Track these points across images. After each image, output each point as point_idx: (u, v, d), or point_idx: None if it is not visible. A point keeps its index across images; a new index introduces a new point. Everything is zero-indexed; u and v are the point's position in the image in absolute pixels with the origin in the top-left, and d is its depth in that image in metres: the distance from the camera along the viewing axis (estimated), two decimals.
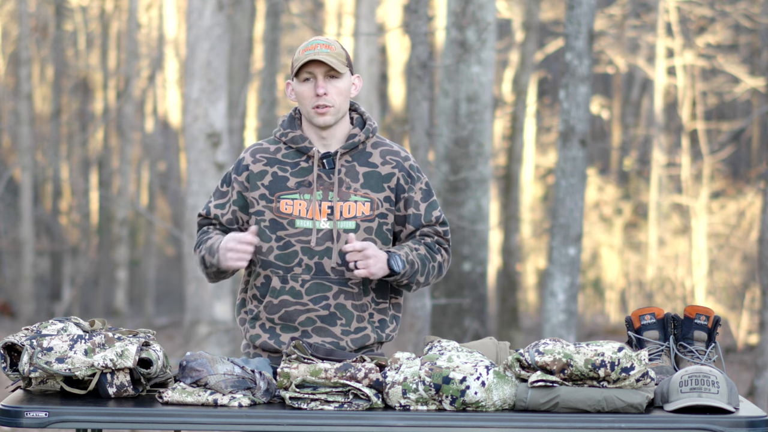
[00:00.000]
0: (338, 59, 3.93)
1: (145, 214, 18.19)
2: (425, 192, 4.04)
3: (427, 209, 4.03)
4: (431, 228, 4.03)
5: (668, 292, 20.06)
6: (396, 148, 4.06)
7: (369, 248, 3.86)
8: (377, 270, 3.87)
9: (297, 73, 3.94)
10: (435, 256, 4.01)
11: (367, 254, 3.85)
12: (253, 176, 3.98)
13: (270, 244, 3.95)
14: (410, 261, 3.93)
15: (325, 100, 3.93)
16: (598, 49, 20.61)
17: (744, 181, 22.18)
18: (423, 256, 3.98)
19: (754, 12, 18.87)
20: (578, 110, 8.26)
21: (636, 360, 3.54)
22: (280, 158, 3.99)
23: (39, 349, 3.60)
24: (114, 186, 21.86)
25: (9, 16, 20.94)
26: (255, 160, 4.00)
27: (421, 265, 3.97)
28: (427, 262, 3.99)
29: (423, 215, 4.02)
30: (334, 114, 3.96)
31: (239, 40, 13.07)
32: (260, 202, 3.97)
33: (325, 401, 3.56)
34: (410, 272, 3.94)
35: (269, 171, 3.98)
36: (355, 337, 3.96)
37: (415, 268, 3.95)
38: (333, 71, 3.92)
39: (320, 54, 3.91)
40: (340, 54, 3.95)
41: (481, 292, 10.03)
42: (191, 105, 9.81)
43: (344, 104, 3.97)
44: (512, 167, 17.26)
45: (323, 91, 3.93)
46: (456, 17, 9.68)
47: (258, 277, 3.99)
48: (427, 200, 4.03)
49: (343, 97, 3.96)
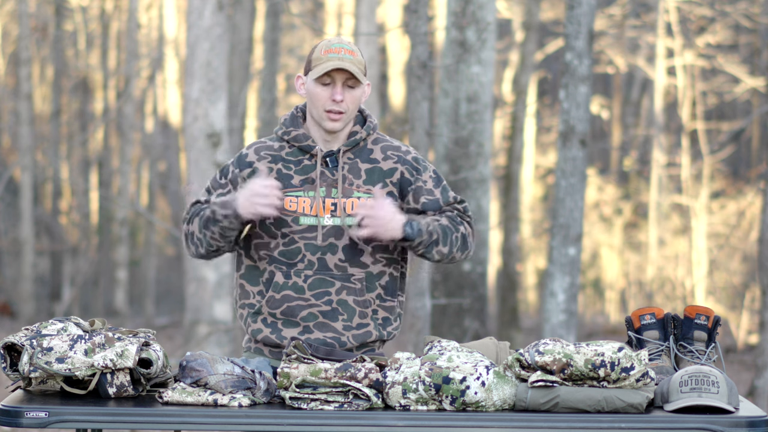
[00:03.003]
0: (359, 68, 3.92)
1: (145, 214, 18.19)
2: (435, 179, 4.04)
3: (443, 192, 4.03)
4: (451, 206, 4.03)
5: (668, 292, 20.06)
6: (397, 143, 4.06)
7: (378, 207, 3.84)
8: (383, 232, 3.85)
9: (316, 72, 3.93)
10: (458, 227, 3.99)
11: (372, 213, 3.83)
12: (257, 173, 3.97)
13: (276, 240, 3.96)
14: (429, 231, 3.90)
15: (340, 106, 3.93)
16: (598, 49, 20.61)
17: (744, 181, 22.18)
18: (445, 226, 3.95)
19: (754, 12, 18.87)
20: (578, 110, 8.26)
21: (636, 360, 3.54)
22: (284, 156, 4.00)
23: (39, 349, 3.59)
24: (114, 186, 21.86)
25: (9, 16, 20.94)
26: (260, 157, 4.00)
27: (443, 234, 3.94)
28: (449, 232, 3.96)
29: (440, 198, 4.02)
30: (345, 120, 3.96)
31: (239, 40, 13.07)
32: None
33: (325, 401, 3.56)
34: (428, 241, 3.91)
35: (274, 168, 3.98)
36: (357, 332, 3.96)
37: (434, 237, 3.92)
38: (353, 79, 3.92)
39: (345, 61, 3.90)
40: (361, 62, 3.94)
41: (481, 292, 10.03)
42: (191, 105, 9.81)
43: (355, 111, 3.98)
44: (512, 167, 17.26)
45: (341, 98, 3.92)
46: (456, 17, 9.68)
47: (263, 272, 3.99)
48: (439, 185, 4.03)
49: (356, 104, 3.96)
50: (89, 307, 20.70)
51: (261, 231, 3.98)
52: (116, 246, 20.24)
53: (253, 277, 4.02)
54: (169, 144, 23.45)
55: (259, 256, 4.00)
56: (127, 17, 19.50)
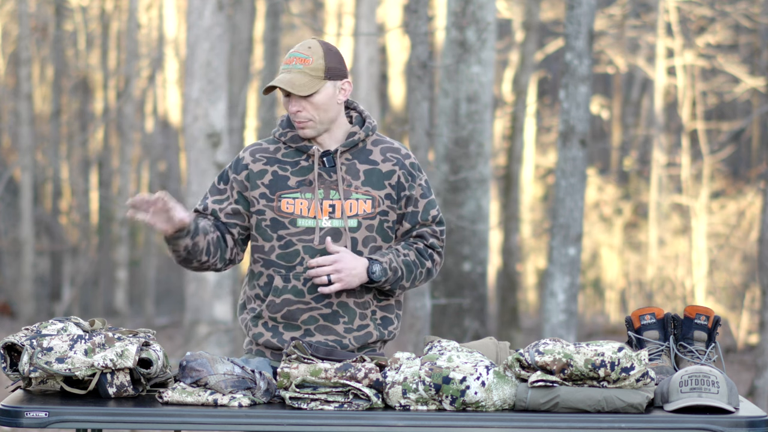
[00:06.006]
0: (311, 76, 3.87)
1: None
2: (425, 190, 4.03)
3: (425, 207, 4.02)
4: (428, 228, 4.02)
5: (668, 292, 20.06)
6: (396, 145, 4.04)
7: (340, 260, 3.86)
8: (352, 280, 3.87)
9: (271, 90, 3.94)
10: (424, 263, 4.00)
11: (337, 267, 3.85)
12: (253, 175, 3.97)
13: (272, 243, 3.95)
14: (393, 268, 3.91)
15: (300, 116, 3.91)
16: (598, 49, 20.61)
17: (744, 181, 22.18)
18: (411, 262, 3.96)
19: (754, 12, 18.86)
20: (578, 110, 8.26)
21: (636, 360, 3.54)
22: (280, 157, 3.98)
23: (39, 349, 3.59)
24: (114, 186, 21.86)
25: (9, 16, 20.94)
26: (255, 159, 3.99)
27: (407, 271, 3.95)
28: (414, 268, 3.97)
29: (420, 213, 4.01)
30: (314, 127, 3.93)
31: (239, 40, 13.07)
32: (260, 202, 3.96)
33: (325, 401, 3.56)
34: (393, 279, 3.93)
35: (269, 170, 3.97)
36: (358, 334, 3.96)
37: (399, 274, 3.93)
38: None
39: (291, 72, 3.87)
40: (316, 68, 3.88)
41: (481, 292, 10.03)
42: (191, 105, 9.81)
43: (326, 115, 3.92)
44: (512, 167, 17.26)
45: (296, 109, 3.90)
46: (456, 17, 9.68)
47: (260, 276, 3.98)
48: (426, 198, 4.02)
49: (322, 110, 3.91)
50: (89, 307, 20.70)
51: (257, 234, 3.97)
52: (116, 246, 20.24)
53: (251, 281, 4.01)
54: (169, 144, 23.44)
55: (254, 259, 3.99)
56: (127, 17, 19.50)
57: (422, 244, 4.01)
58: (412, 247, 3.99)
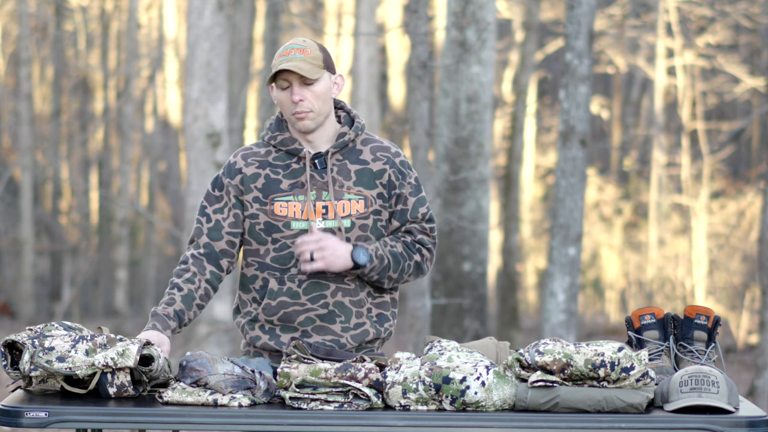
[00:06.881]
0: (313, 63, 3.89)
1: (145, 214, 18.19)
2: (414, 187, 4.03)
3: (415, 205, 4.01)
4: (417, 225, 4.02)
5: (668, 292, 20.06)
6: (386, 144, 4.04)
7: (325, 239, 3.86)
8: (335, 261, 3.87)
9: (274, 80, 3.94)
10: (412, 255, 3.99)
11: (321, 245, 3.85)
12: (246, 179, 3.96)
13: (266, 246, 3.95)
14: (379, 256, 3.91)
15: (302, 106, 3.91)
16: (598, 49, 20.61)
17: (744, 181, 22.18)
18: (398, 253, 3.96)
19: (754, 12, 18.86)
20: (578, 110, 8.26)
21: (636, 360, 3.54)
22: (271, 161, 3.98)
23: (40, 348, 3.60)
24: (114, 186, 21.86)
25: (9, 16, 20.94)
26: (247, 163, 3.98)
27: (394, 261, 3.95)
28: (402, 260, 3.96)
29: (410, 211, 4.01)
30: (314, 118, 3.93)
31: (239, 40, 13.08)
32: (254, 205, 3.95)
33: (325, 401, 3.56)
34: (379, 267, 3.92)
35: (261, 174, 3.96)
36: (355, 333, 3.96)
37: (385, 263, 3.93)
38: (307, 77, 3.91)
39: (293, 60, 3.88)
40: (316, 57, 3.91)
41: (481, 292, 10.03)
42: (191, 105, 9.81)
43: (324, 107, 3.94)
44: (512, 167, 17.26)
45: (299, 98, 3.90)
46: (456, 17, 9.68)
47: (255, 279, 3.98)
48: (415, 196, 4.02)
49: (321, 100, 3.92)
50: (89, 307, 20.71)
51: (250, 238, 3.97)
52: (116, 246, 20.24)
53: (245, 285, 4.01)
54: (169, 144, 23.45)
55: (248, 262, 3.99)
56: (127, 17, 19.50)
57: (410, 238, 4.01)
58: (399, 240, 3.99)
